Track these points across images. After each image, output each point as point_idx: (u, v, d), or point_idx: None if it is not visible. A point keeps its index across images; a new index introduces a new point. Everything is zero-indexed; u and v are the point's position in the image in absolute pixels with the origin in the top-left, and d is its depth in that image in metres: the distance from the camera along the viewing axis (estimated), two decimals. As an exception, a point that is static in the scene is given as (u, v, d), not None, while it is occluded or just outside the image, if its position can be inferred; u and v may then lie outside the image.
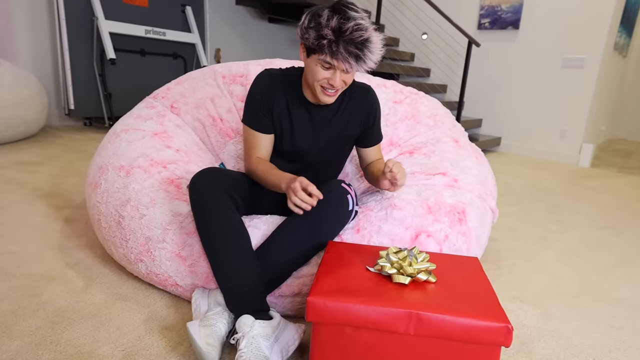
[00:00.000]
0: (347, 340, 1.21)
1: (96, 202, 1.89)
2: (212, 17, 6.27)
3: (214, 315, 1.40)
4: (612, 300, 1.98)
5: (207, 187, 1.53)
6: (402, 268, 1.31)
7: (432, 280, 1.31)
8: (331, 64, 1.50)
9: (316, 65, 1.54)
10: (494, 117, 6.09)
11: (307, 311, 1.20)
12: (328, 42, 1.45)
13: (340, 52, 1.45)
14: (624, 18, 5.58)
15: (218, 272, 1.47)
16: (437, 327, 1.15)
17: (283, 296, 1.59)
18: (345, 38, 1.44)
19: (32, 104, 4.12)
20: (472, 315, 1.14)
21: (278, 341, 1.35)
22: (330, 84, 1.56)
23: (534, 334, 1.65)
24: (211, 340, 1.32)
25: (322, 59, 1.50)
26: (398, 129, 2.33)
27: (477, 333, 1.13)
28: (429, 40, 6.54)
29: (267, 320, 1.37)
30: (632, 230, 2.97)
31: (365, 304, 1.17)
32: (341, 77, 1.55)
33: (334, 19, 1.44)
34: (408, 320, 1.15)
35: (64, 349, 1.38)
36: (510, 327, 1.12)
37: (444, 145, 2.22)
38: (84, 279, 1.81)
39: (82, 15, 4.75)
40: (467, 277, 1.37)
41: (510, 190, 3.88)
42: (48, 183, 2.98)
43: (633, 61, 8.29)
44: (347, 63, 1.48)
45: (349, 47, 1.45)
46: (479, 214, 1.88)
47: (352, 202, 1.62)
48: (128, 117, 2.24)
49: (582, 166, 5.40)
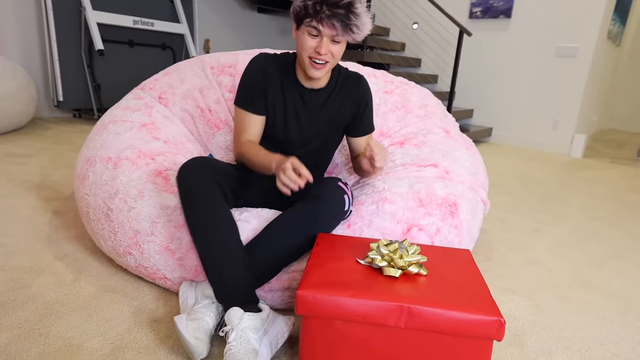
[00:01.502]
0: (336, 334, 1.20)
1: (84, 194, 1.87)
2: (201, 8, 6.22)
3: (201, 308, 1.39)
4: (604, 292, 1.98)
5: (196, 176, 1.51)
6: (392, 260, 1.30)
7: (423, 273, 1.30)
8: (317, 29, 1.50)
9: (304, 34, 1.54)
10: (485, 107, 6.09)
11: (297, 304, 1.19)
12: (312, 4, 1.47)
13: (325, 13, 1.47)
14: (618, 6, 5.57)
15: (207, 263, 1.45)
16: (428, 320, 1.14)
17: (273, 290, 1.58)
18: (329, 2, 1.46)
19: (20, 96, 4.08)
20: (463, 309, 1.13)
21: (267, 334, 1.34)
22: (317, 52, 1.54)
23: (526, 326, 1.65)
24: (199, 333, 1.31)
25: (308, 23, 1.51)
26: (388, 119, 2.32)
27: (468, 327, 1.13)
28: (420, 30, 6.52)
29: (256, 313, 1.36)
30: (624, 222, 2.98)
31: (355, 297, 1.16)
32: (328, 46, 1.54)
33: None
34: (399, 313, 1.15)
35: (53, 342, 1.36)
36: (502, 320, 1.11)
37: (435, 136, 2.21)
38: (72, 272, 1.79)
39: (69, 6, 4.70)
40: (459, 270, 1.36)
41: (501, 181, 3.88)
42: (37, 175, 2.95)
43: (626, 50, 8.29)
44: (332, 27, 1.48)
45: (333, 9, 1.46)
46: (470, 206, 1.87)
47: (348, 202, 1.62)
48: (116, 109, 2.21)
49: (574, 157, 5.41)
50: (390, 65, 6.45)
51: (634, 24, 8.07)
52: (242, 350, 1.23)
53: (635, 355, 1.53)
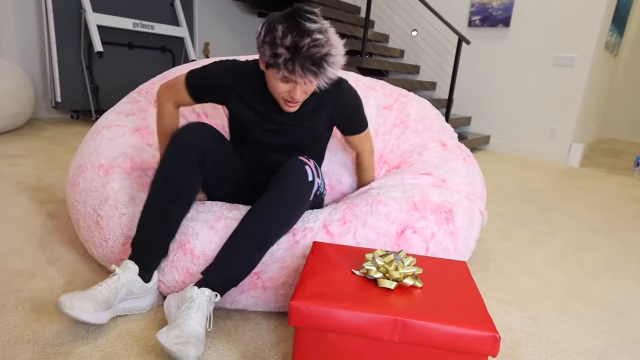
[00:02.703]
0: (330, 346, 1.19)
1: (75, 201, 1.86)
2: (201, 11, 6.21)
3: (181, 313, 1.37)
4: (601, 304, 1.97)
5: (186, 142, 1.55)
6: (388, 272, 1.29)
7: (419, 285, 1.29)
8: (289, 79, 1.47)
9: (275, 80, 1.50)
10: (483, 115, 6.09)
11: (290, 316, 1.18)
12: (284, 61, 1.41)
13: (297, 70, 1.41)
14: (616, 16, 5.58)
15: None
16: (422, 334, 1.12)
17: (266, 288, 1.56)
18: (302, 55, 1.40)
19: (18, 97, 4.06)
20: (458, 323, 1.12)
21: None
22: (291, 97, 1.53)
23: (521, 338, 1.63)
24: (181, 339, 1.28)
25: (279, 74, 1.46)
26: (388, 140, 2.30)
27: (463, 341, 1.11)
28: (419, 37, 6.52)
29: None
30: (621, 233, 2.97)
31: (349, 310, 1.15)
32: (302, 89, 1.51)
33: (289, 37, 1.39)
34: (393, 327, 1.13)
35: (42, 349, 1.34)
36: (497, 336, 1.10)
37: (429, 151, 2.20)
38: (64, 276, 1.77)
39: (69, 8, 4.69)
40: (455, 283, 1.35)
41: (499, 190, 3.87)
42: (32, 177, 2.93)
43: (624, 60, 8.32)
44: (306, 79, 1.44)
45: (307, 65, 1.41)
46: (467, 215, 1.86)
47: (311, 172, 1.56)
48: (111, 113, 2.20)
49: (571, 166, 5.41)
50: (389, 72, 6.45)
51: (631, 35, 8.10)
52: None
53: (631, 369, 1.52)
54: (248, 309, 1.63)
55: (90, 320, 1.37)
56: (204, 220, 1.63)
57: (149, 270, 1.55)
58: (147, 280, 1.55)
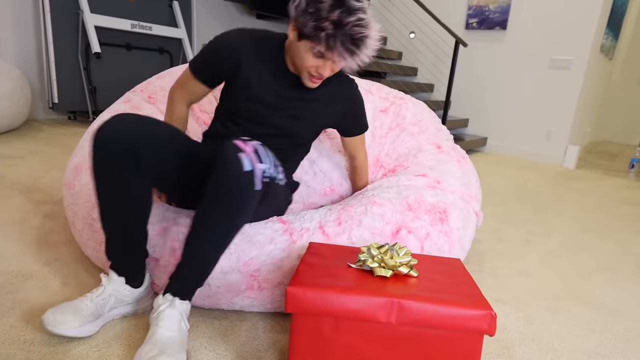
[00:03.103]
0: (325, 343, 1.20)
1: (70, 203, 1.87)
2: (200, 12, 6.22)
3: (151, 325, 1.35)
4: (594, 304, 1.98)
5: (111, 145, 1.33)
6: (383, 261, 1.30)
7: (414, 274, 1.30)
8: (324, 54, 1.44)
9: (307, 52, 1.46)
10: (480, 117, 6.10)
11: (287, 302, 1.18)
12: (326, 36, 1.37)
13: (337, 47, 1.39)
14: (611, 20, 5.61)
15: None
16: (419, 315, 1.15)
17: (262, 289, 1.57)
18: (344, 32, 1.36)
19: (15, 97, 4.06)
20: (454, 304, 1.14)
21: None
22: (319, 72, 1.50)
23: (515, 338, 1.65)
24: (152, 352, 1.25)
25: (315, 48, 1.43)
26: (384, 144, 2.31)
27: (460, 321, 1.14)
28: (417, 40, 6.54)
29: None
30: (615, 234, 2.98)
31: (346, 293, 1.16)
32: (332, 67, 1.49)
33: (336, 12, 1.35)
34: (390, 308, 1.15)
35: (38, 349, 1.35)
36: (493, 313, 1.12)
37: (424, 153, 2.22)
38: (61, 277, 1.77)
39: (67, 8, 4.69)
40: (450, 274, 1.36)
41: (495, 191, 3.89)
42: (29, 177, 2.93)
43: (619, 63, 8.35)
44: (343, 57, 1.42)
45: (347, 43, 1.38)
46: (461, 216, 1.87)
47: (247, 160, 1.27)
48: (106, 113, 2.21)
49: (567, 167, 5.42)
50: (386, 74, 6.46)
51: (627, 38, 8.14)
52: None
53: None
54: (244, 309, 1.63)
55: (75, 334, 1.36)
56: None
57: (134, 278, 1.50)
58: (136, 286, 1.52)
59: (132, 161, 1.35)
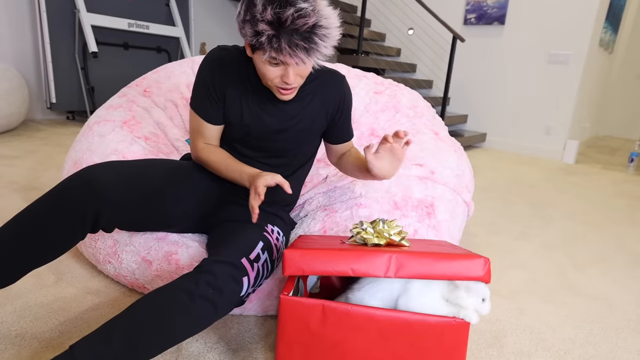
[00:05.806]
0: (311, 336, 1.20)
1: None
2: (197, 11, 6.22)
3: None
4: (588, 295, 1.98)
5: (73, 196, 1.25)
6: (376, 232, 1.31)
7: (406, 244, 1.33)
8: (277, 59, 1.28)
9: (264, 64, 1.31)
10: (479, 113, 6.10)
11: (284, 264, 1.19)
12: (267, 39, 1.21)
13: (284, 47, 1.22)
14: (610, 14, 5.60)
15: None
16: (417, 268, 1.17)
17: (252, 300, 1.56)
18: (287, 29, 1.20)
19: (12, 98, 4.07)
20: (450, 257, 1.18)
21: None
22: (284, 82, 1.34)
23: (507, 328, 1.65)
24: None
25: (265, 55, 1.27)
26: (379, 118, 2.32)
27: (456, 269, 1.17)
28: (415, 36, 6.53)
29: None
30: (612, 227, 2.98)
31: (345, 253, 1.18)
32: (295, 71, 1.32)
33: (269, 10, 1.19)
34: (388, 262, 1.17)
35: (29, 343, 1.35)
36: (487, 259, 1.16)
37: (424, 136, 2.22)
38: (54, 273, 1.78)
39: (63, 8, 4.70)
40: (440, 245, 1.40)
41: (493, 185, 3.89)
42: (25, 177, 2.94)
43: (619, 57, 8.32)
44: (296, 57, 1.24)
45: (295, 40, 1.21)
46: (449, 207, 1.87)
47: (246, 283, 1.23)
48: (101, 109, 2.23)
49: (566, 162, 5.42)
50: (385, 70, 6.46)
51: (626, 32, 8.11)
52: None
53: (613, 356, 1.53)
54: (234, 313, 1.61)
55: None
56: (200, 240, 1.65)
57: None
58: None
59: (88, 216, 1.27)
